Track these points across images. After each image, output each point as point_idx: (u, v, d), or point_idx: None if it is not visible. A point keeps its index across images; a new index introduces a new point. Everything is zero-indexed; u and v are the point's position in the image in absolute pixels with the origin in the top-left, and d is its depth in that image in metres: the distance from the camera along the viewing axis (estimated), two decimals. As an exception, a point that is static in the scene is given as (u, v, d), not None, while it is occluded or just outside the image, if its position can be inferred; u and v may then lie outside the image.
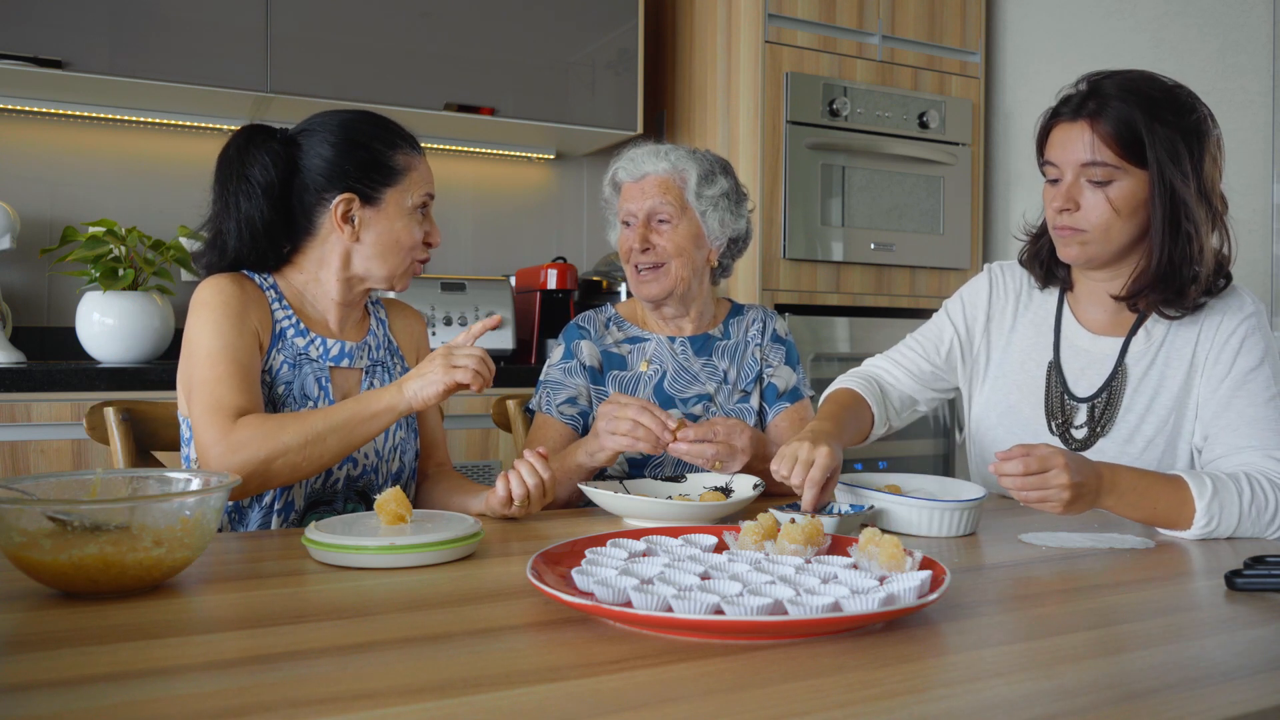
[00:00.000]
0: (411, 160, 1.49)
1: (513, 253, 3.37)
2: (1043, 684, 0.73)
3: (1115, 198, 1.41)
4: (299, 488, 1.44)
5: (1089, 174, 1.42)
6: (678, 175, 1.74)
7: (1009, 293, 1.66)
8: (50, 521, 0.92)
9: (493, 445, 2.63)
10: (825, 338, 3.02)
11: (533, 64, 2.99)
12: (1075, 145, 1.42)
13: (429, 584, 1.01)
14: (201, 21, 2.58)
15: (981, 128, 3.31)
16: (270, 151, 1.44)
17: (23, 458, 2.17)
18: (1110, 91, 1.41)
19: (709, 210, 1.75)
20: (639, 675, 0.74)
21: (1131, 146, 1.39)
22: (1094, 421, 1.52)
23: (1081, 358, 1.56)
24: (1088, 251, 1.46)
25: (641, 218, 1.73)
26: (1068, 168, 1.44)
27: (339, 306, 1.51)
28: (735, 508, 1.36)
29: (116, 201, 2.83)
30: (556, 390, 1.75)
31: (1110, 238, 1.44)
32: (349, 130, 1.47)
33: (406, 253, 1.49)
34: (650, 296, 1.75)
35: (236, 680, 0.71)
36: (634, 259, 1.74)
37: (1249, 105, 2.69)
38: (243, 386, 1.35)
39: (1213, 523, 1.28)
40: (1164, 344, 1.50)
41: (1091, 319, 1.57)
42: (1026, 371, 1.61)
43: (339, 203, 1.44)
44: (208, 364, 1.35)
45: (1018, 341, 1.63)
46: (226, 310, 1.38)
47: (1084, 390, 1.54)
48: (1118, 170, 1.40)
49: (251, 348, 1.39)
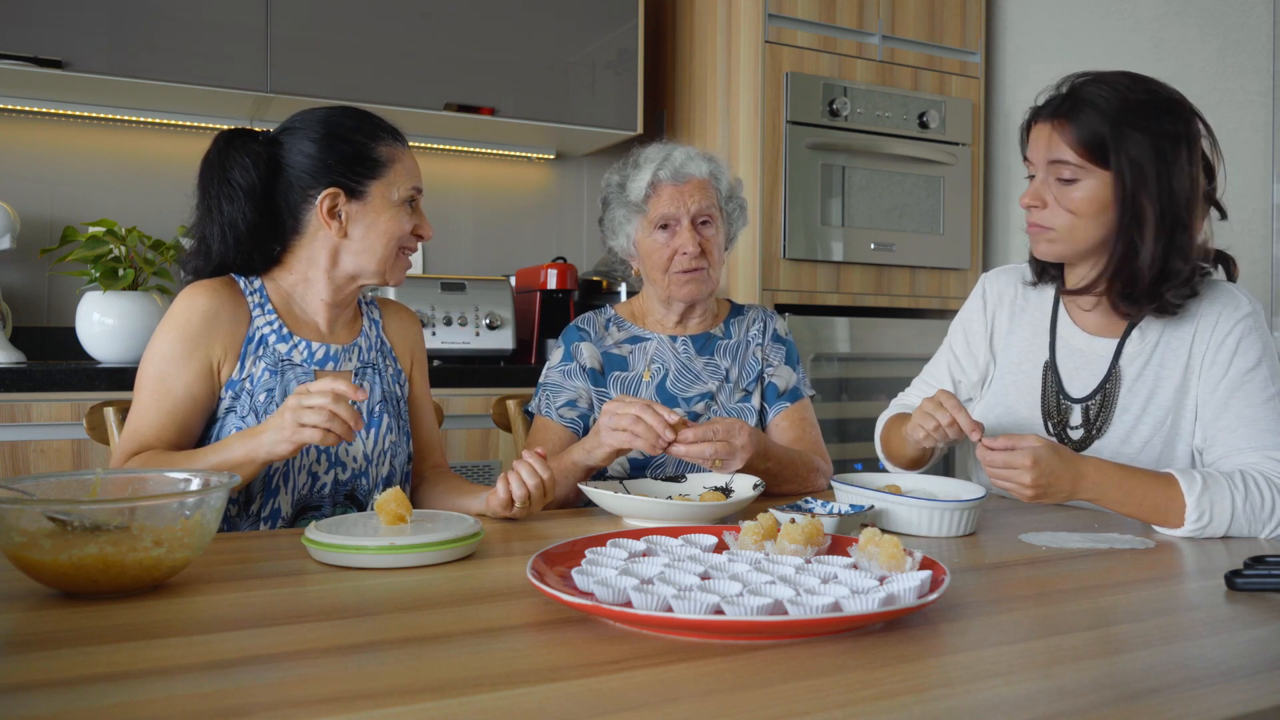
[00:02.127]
0: (395, 152, 1.48)
1: (513, 253, 3.37)
2: (1043, 684, 0.73)
3: (1079, 198, 1.43)
4: (285, 493, 1.43)
5: (1056, 172, 1.44)
6: (715, 179, 1.78)
7: (1002, 299, 1.68)
8: (50, 521, 0.92)
9: (493, 445, 2.63)
10: (825, 338, 3.02)
11: (533, 64, 3.00)
12: (1044, 144, 1.45)
13: (429, 584, 1.01)
14: (201, 21, 2.58)
15: (981, 128, 3.31)
16: (251, 153, 1.44)
17: (23, 458, 2.17)
18: (1086, 94, 1.43)
19: (734, 214, 1.81)
20: (639, 675, 0.74)
21: (1096, 149, 1.41)
22: (1089, 423, 1.52)
23: (1076, 358, 1.56)
24: (1055, 249, 1.49)
25: (689, 219, 1.74)
26: (1039, 166, 1.47)
27: (328, 307, 1.50)
28: (735, 508, 1.36)
29: (116, 201, 2.83)
30: (556, 393, 1.75)
31: (1075, 236, 1.46)
32: (330, 125, 1.46)
33: (396, 244, 1.48)
34: (694, 297, 1.76)
35: (236, 680, 0.71)
36: (683, 263, 1.73)
37: (1249, 105, 2.69)
38: (162, 420, 1.38)
39: (1204, 518, 1.28)
40: (1158, 344, 1.50)
41: (1086, 319, 1.57)
42: (1023, 372, 1.61)
43: (324, 198, 1.44)
44: (147, 387, 1.39)
45: (1015, 343, 1.64)
46: (183, 334, 1.39)
47: (1079, 390, 1.55)
48: (1081, 170, 1.43)
49: (200, 374, 1.40)
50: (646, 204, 1.75)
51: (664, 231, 1.74)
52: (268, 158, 1.45)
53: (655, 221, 1.74)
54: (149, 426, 1.38)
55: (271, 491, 1.42)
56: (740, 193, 1.83)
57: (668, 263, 1.73)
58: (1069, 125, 1.43)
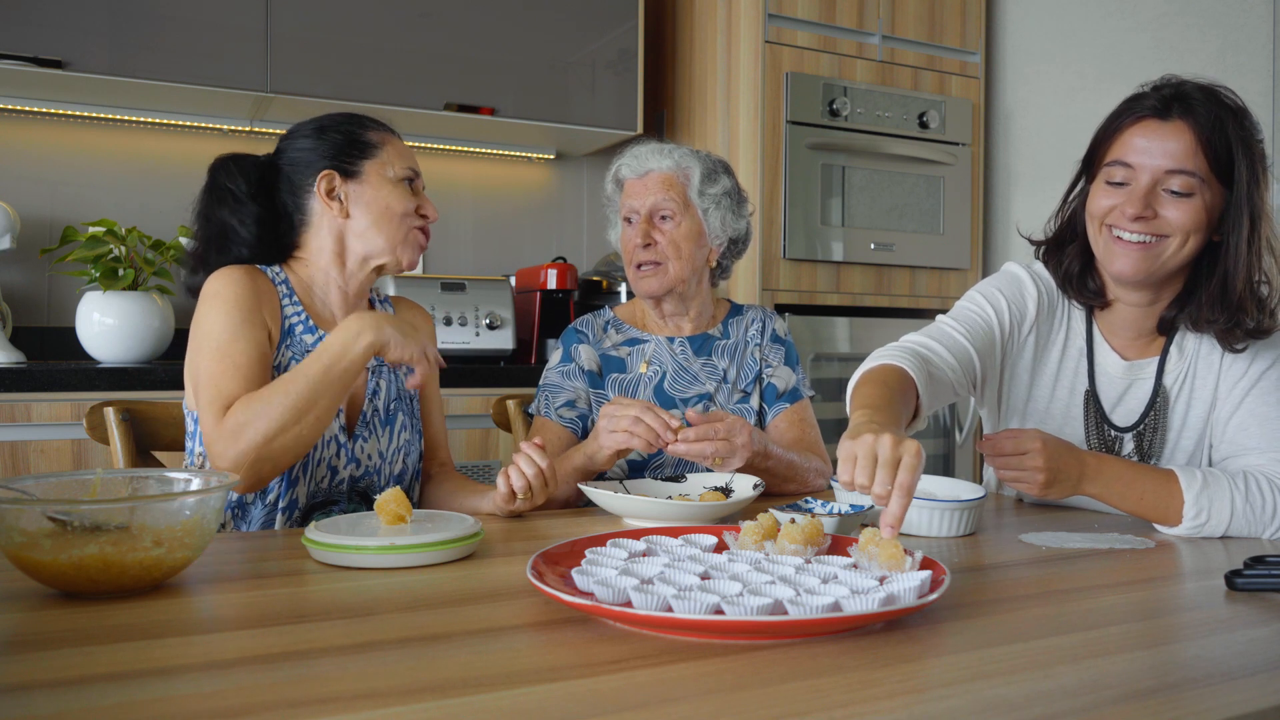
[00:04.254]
0: (384, 136, 1.54)
1: (513, 253, 3.37)
2: (1043, 684, 0.73)
3: (1195, 210, 1.31)
4: (302, 486, 1.44)
5: (1171, 182, 1.31)
6: (681, 173, 1.75)
7: (1050, 304, 1.53)
8: (50, 521, 0.92)
9: (493, 445, 2.63)
10: (825, 338, 3.02)
11: (533, 64, 2.99)
12: (1164, 148, 1.31)
13: (429, 584, 1.01)
14: (201, 21, 2.58)
15: (981, 128, 3.31)
16: (243, 166, 1.51)
17: (23, 458, 2.17)
18: (1200, 98, 1.32)
19: (711, 208, 1.77)
20: (639, 675, 0.74)
21: (1222, 160, 1.31)
22: (1142, 452, 1.46)
23: (1117, 385, 1.49)
24: (1149, 266, 1.35)
25: (644, 214, 1.74)
26: (1148, 171, 1.33)
27: (346, 297, 1.53)
28: (735, 508, 1.36)
29: (116, 201, 2.83)
30: (555, 393, 1.75)
31: (1180, 253, 1.34)
32: (321, 122, 1.54)
33: (400, 220, 1.50)
34: (649, 292, 1.75)
35: (237, 680, 0.71)
36: (636, 256, 1.74)
37: (1249, 105, 2.69)
38: (248, 380, 1.35)
39: (1202, 516, 1.28)
40: (1196, 357, 1.45)
41: (1123, 343, 1.49)
42: (1060, 401, 1.52)
43: (321, 179, 1.48)
44: (215, 357, 1.36)
45: (1049, 367, 1.53)
46: (239, 302, 1.39)
47: (1123, 419, 1.48)
48: (1203, 184, 1.31)
49: (262, 340, 1.40)
50: (617, 200, 1.82)
51: (629, 226, 1.78)
52: (262, 165, 1.52)
53: (622, 216, 1.80)
54: (235, 385, 1.33)
55: (291, 482, 1.42)
56: (724, 185, 1.77)
57: (630, 257, 1.77)
58: (1190, 129, 1.29)
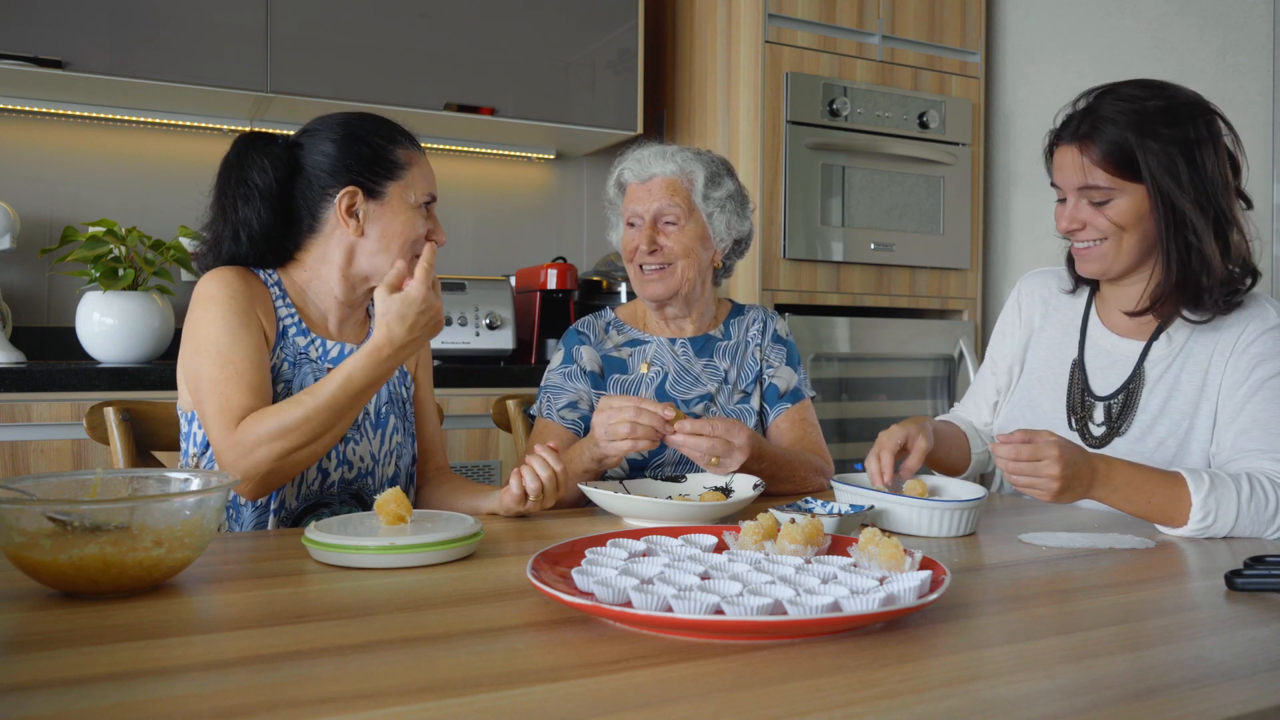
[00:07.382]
0: (412, 156, 1.50)
1: (513, 253, 3.37)
2: (1043, 684, 0.73)
3: (1115, 215, 1.46)
4: (293, 488, 1.43)
5: (1088, 195, 1.47)
6: (685, 176, 1.75)
7: (1035, 300, 1.71)
8: (50, 521, 0.92)
9: (493, 445, 2.63)
10: (825, 338, 3.02)
11: (533, 64, 2.99)
12: (1071, 169, 1.47)
13: (429, 584, 1.01)
14: (201, 21, 2.58)
15: (981, 128, 3.31)
16: (270, 155, 1.45)
17: (23, 458, 2.17)
18: (1105, 112, 1.45)
19: (716, 212, 1.77)
20: (639, 675, 0.74)
21: (1125, 165, 1.43)
22: (1111, 420, 1.54)
23: (1104, 357, 1.58)
24: (1103, 265, 1.51)
25: (649, 219, 1.74)
26: (1069, 190, 1.49)
27: (341, 306, 1.51)
28: (735, 508, 1.36)
29: (116, 201, 2.83)
30: (557, 395, 1.75)
31: (1121, 251, 1.48)
32: (349, 127, 1.48)
33: (410, 246, 1.48)
34: (655, 296, 1.75)
35: (237, 680, 0.71)
36: (640, 259, 1.74)
37: (1249, 105, 2.69)
38: (251, 386, 1.34)
39: (1209, 518, 1.29)
40: (1183, 349, 1.52)
41: (1116, 321, 1.59)
42: (1050, 368, 1.64)
43: (343, 196, 1.45)
44: (216, 364, 1.34)
45: (1045, 341, 1.67)
46: (234, 305, 1.38)
47: (1103, 389, 1.56)
48: (1113, 190, 1.45)
49: (260, 343, 1.39)
50: (619, 203, 1.81)
51: (633, 230, 1.77)
52: (287, 160, 1.46)
53: (625, 220, 1.79)
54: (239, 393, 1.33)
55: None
56: (728, 187, 1.78)
57: (631, 257, 1.77)
58: (1092, 145, 1.44)
